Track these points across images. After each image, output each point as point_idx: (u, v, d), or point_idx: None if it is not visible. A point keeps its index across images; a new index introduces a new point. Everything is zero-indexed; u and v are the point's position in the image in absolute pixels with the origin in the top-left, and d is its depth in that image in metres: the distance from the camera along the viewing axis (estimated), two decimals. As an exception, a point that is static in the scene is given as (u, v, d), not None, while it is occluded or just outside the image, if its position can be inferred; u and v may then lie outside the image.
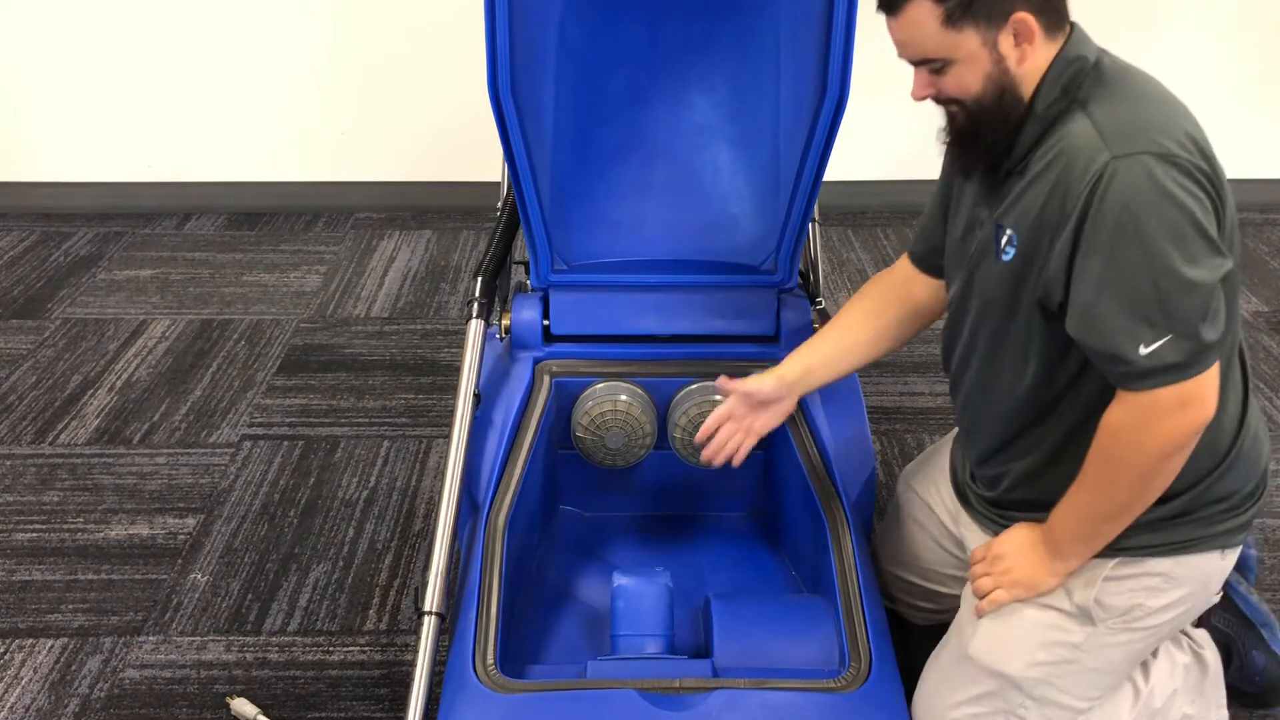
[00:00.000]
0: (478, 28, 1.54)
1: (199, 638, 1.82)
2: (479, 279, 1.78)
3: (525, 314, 1.80)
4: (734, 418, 1.59)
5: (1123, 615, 1.35)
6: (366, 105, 3.26)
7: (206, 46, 3.16)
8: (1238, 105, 3.30)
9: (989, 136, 1.27)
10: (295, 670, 1.76)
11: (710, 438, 1.60)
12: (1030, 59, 1.23)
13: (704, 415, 1.77)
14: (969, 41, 1.22)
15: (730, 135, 1.73)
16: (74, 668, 1.77)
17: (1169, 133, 1.19)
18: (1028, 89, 1.25)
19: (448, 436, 1.63)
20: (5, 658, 1.78)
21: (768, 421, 1.59)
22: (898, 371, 2.54)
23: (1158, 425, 1.20)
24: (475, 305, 1.75)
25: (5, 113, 3.26)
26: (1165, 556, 1.34)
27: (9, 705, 1.70)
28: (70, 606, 1.89)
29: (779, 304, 1.81)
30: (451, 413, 1.65)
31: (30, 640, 1.82)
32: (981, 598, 1.40)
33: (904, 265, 1.60)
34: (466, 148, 3.23)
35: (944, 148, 1.45)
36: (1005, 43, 1.22)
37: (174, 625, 1.85)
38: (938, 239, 1.52)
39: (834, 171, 1.71)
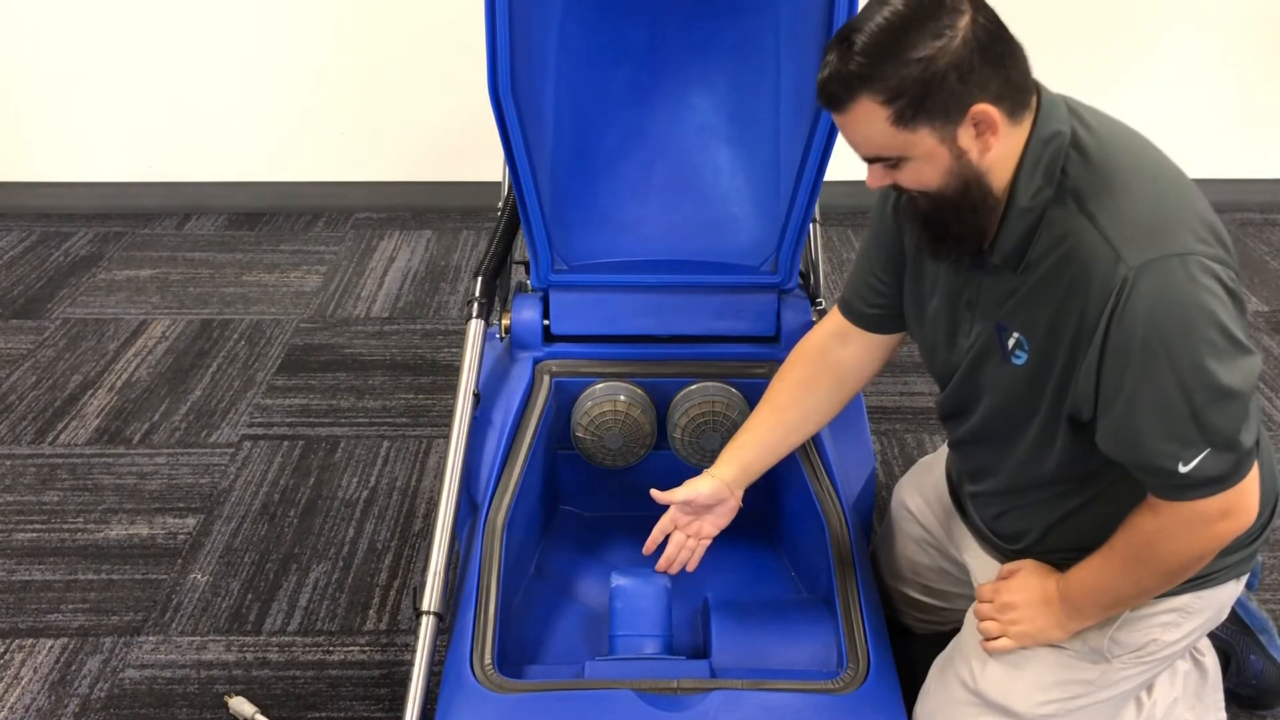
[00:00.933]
0: (478, 28, 1.54)
1: (199, 638, 1.82)
2: (479, 279, 1.78)
3: (525, 314, 1.80)
4: (679, 526, 1.53)
5: (1136, 651, 1.33)
6: (366, 105, 3.27)
7: (206, 46, 3.16)
8: (1238, 105, 3.30)
9: (957, 229, 1.19)
10: (295, 670, 1.76)
11: (662, 547, 1.55)
12: (996, 148, 1.13)
13: (704, 415, 1.77)
14: (924, 140, 1.12)
15: (730, 135, 1.73)
16: (74, 668, 1.77)
17: (1183, 222, 1.11)
18: (998, 176, 1.16)
19: (447, 436, 1.63)
20: (5, 658, 1.78)
21: (716, 523, 1.53)
22: (898, 371, 2.54)
23: (1198, 533, 1.16)
24: (475, 305, 1.75)
25: (5, 113, 3.26)
26: (1183, 594, 1.31)
27: (9, 705, 1.70)
28: (70, 606, 1.89)
29: (779, 304, 1.81)
30: (451, 413, 1.65)
31: (30, 640, 1.82)
32: (987, 638, 1.38)
33: (834, 320, 1.51)
34: (466, 148, 3.23)
35: (886, 215, 1.38)
36: (965, 136, 1.12)
37: (174, 625, 1.85)
38: (879, 299, 1.44)
39: (834, 171, 1.71)
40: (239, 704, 1.66)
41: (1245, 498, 1.16)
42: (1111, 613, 1.30)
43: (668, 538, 1.56)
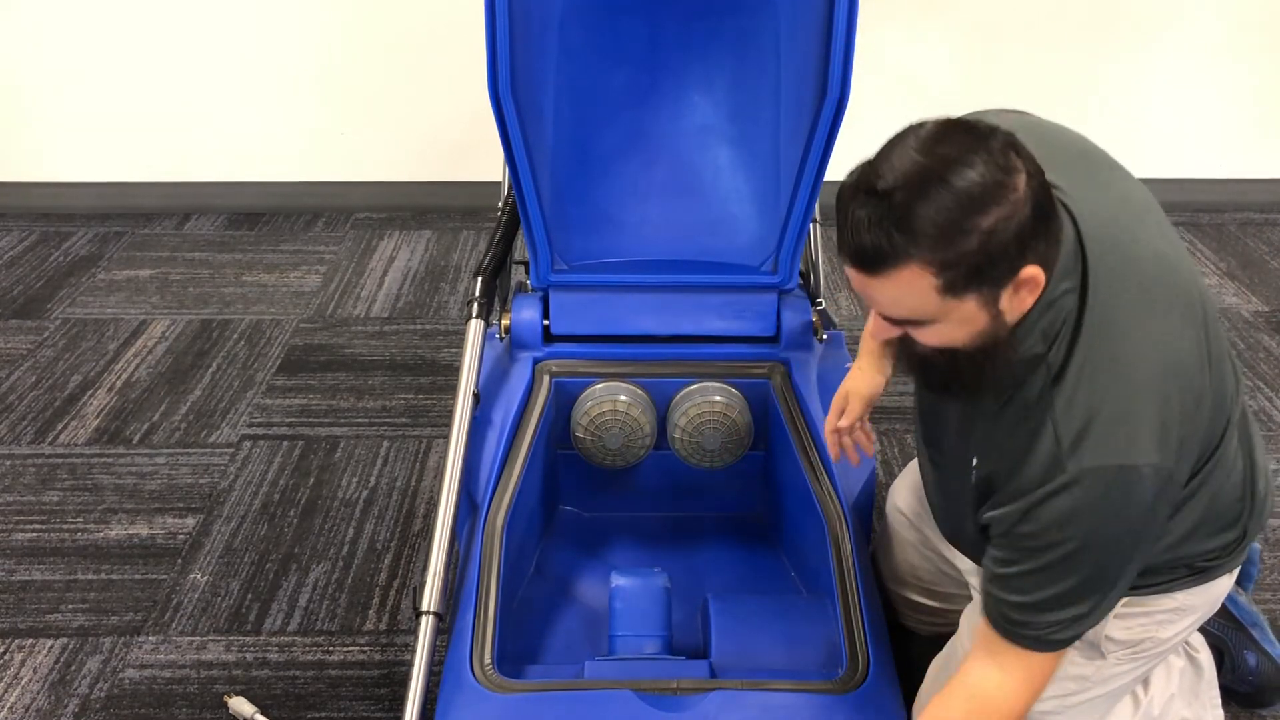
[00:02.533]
0: (478, 27, 1.54)
1: (199, 638, 1.82)
2: (479, 279, 1.78)
3: (525, 314, 1.80)
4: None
5: (1132, 648, 1.33)
6: (366, 105, 3.26)
7: (206, 46, 3.16)
8: (1238, 105, 3.30)
9: (969, 380, 1.12)
10: (295, 670, 1.76)
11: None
12: (1026, 304, 1.06)
13: (704, 415, 1.77)
14: (967, 306, 1.03)
15: (730, 135, 1.73)
16: (74, 668, 1.77)
17: (1140, 431, 1.07)
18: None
19: (447, 436, 1.63)
20: (5, 658, 1.78)
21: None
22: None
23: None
24: (475, 305, 1.75)
25: (5, 113, 3.26)
26: (1178, 591, 1.31)
27: (9, 705, 1.70)
28: (70, 606, 1.89)
29: (779, 304, 1.81)
30: (451, 413, 1.65)
31: (30, 640, 1.82)
32: None
33: None
34: (466, 148, 3.23)
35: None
36: (1006, 297, 1.03)
37: (174, 625, 1.85)
38: None
39: (834, 171, 1.70)
40: (239, 704, 1.66)
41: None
42: None
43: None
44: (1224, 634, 1.64)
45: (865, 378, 1.54)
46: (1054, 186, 1.07)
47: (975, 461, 1.21)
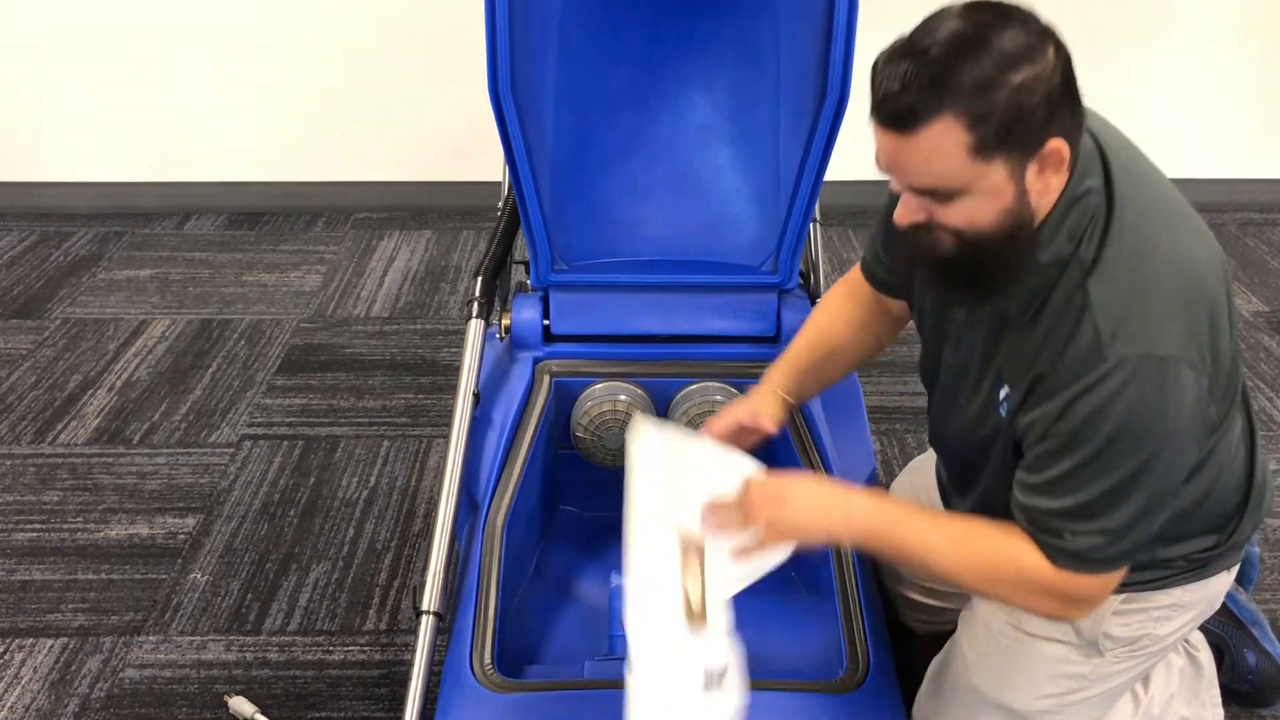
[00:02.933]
0: (478, 28, 1.54)
1: (199, 637, 1.82)
2: (479, 279, 1.78)
3: (525, 314, 1.80)
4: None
5: (1130, 645, 1.33)
6: (366, 105, 3.27)
7: (207, 47, 3.16)
8: (1239, 106, 3.30)
9: (994, 272, 1.10)
10: (295, 670, 1.76)
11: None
12: (1050, 190, 1.06)
13: (704, 415, 1.77)
14: (995, 174, 1.02)
15: (730, 135, 1.73)
16: (74, 668, 1.77)
17: (1176, 328, 1.06)
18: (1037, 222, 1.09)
19: (447, 436, 1.63)
20: (5, 658, 1.78)
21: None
22: (898, 371, 2.54)
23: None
24: (475, 305, 1.75)
25: (5, 113, 3.26)
26: (1175, 587, 1.31)
27: (9, 705, 1.70)
28: (70, 606, 1.89)
29: (779, 304, 1.81)
30: (451, 413, 1.65)
31: (30, 640, 1.82)
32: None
33: (859, 274, 1.48)
34: (466, 148, 3.23)
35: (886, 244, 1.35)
36: (1032, 173, 1.03)
37: (174, 625, 1.85)
38: (892, 267, 1.41)
39: (834, 171, 1.70)
40: (239, 704, 1.66)
41: (1096, 591, 1.17)
42: (881, 550, 1.26)
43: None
44: (1224, 632, 1.65)
45: (775, 400, 1.47)
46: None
47: (1005, 392, 1.18)
